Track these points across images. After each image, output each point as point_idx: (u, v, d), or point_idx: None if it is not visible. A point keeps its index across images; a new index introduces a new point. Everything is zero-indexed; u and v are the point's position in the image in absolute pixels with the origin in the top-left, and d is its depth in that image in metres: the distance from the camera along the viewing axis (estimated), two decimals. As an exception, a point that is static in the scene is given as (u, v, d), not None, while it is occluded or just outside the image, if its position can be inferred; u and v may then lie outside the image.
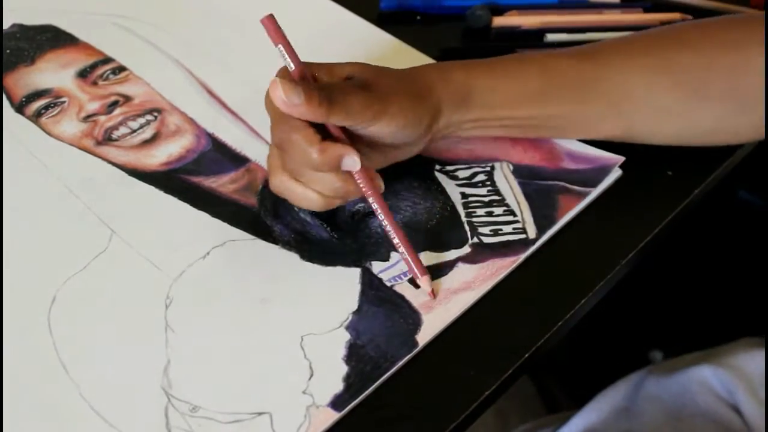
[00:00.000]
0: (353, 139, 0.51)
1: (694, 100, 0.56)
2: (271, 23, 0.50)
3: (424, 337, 0.50)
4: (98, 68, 0.67)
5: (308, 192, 0.51)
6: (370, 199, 0.51)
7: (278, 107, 0.48)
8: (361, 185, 0.51)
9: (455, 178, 0.59)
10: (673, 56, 0.55)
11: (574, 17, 0.72)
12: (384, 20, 0.72)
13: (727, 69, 0.55)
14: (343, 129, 0.51)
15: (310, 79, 0.50)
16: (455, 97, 0.54)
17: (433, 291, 0.52)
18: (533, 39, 0.71)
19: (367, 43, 0.70)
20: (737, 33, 0.56)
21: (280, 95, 0.47)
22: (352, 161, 0.49)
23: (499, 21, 0.71)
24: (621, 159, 0.59)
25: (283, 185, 0.51)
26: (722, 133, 0.58)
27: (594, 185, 0.58)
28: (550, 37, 0.71)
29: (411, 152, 0.55)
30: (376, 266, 0.54)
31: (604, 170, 0.59)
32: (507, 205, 0.57)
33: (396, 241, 0.52)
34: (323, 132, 0.50)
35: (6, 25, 0.71)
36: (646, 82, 0.55)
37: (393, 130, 0.51)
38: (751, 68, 0.54)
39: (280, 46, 0.50)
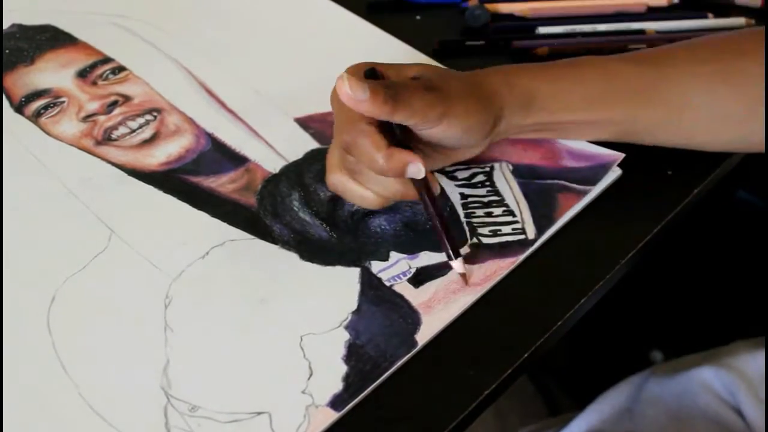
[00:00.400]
0: (415, 140, 0.52)
1: (752, 109, 0.55)
2: None
3: (423, 336, 0.50)
4: (98, 68, 0.67)
5: (366, 192, 0.52)
6: (426, 202, 0.52)
7: (345, 103, 0.48)
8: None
9: (454, 178, 0.59)
10: (733, 64, 0.55)
11: (570, 3, 0.73)
12: (373, 11, 0.73)
13: None
14: (407, 130, 0.51)
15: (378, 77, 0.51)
16: (518, 101, 0.54)
17: (465, 275, 0.53)
18: (528, 32, 0.71)
19: (355, 38, 0.70)
20: None
21: (346, 90, 0.48)
22: (417, 169, 0.50)
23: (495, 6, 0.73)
24: (621, 156, 0.59)
25: (342, 184, 0.52)
26: None
27: (594, 183, 0.58)
28: (542, 30, 0.71)
29: (471, 154, 0.56)
30: (376, 266, 0.54)
31: (604, 168, 0.59)
32: (506, 205, 0.57)
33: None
34: (389, 136, 0.50)
35: (5, 25, 0.71)
36: (706, 89, 0.55)
37: (457, 132, 0.52)
38: None
39: None
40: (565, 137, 0.59)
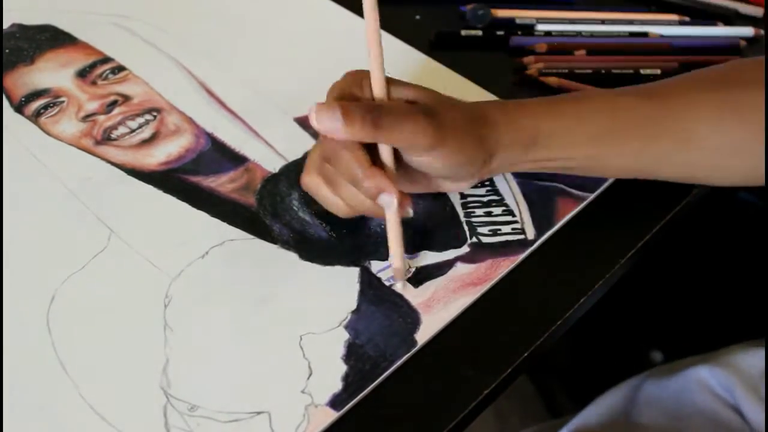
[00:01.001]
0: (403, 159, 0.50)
1: (759, 140, 0.53)
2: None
3: (422, 336, 0.50)
4: (97, 68, 0.67)
5: (338, 200, 0.51)
6: (389, 226, 0.51)
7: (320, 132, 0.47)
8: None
9: (454, 177, 0.59)
10: (738, 95, 0.53)
11: (570, 14, 0.73)
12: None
13: None
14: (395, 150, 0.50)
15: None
16: (518, 140, 0.52)
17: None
18: (527, 29, 0.71)
19: (355, 37, 0.70)
20: None
21: (314, 123, 0.47)
22: (389, 200, 0.48)
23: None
24: None
25: (315, 187, 0.52)
26: None
27: (592, 190, 0.58)
28: (541, 27, 0.71)
29: (458, 188, 0.54)
30: (375, 266, 0.54)
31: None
32: (506, 205, 0.57)
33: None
34: (373, 152, 0.49)
35: (5, 25, 0.71)
36: (713, 120, 0.53)
37: (446, 165, 0.50)
38: None
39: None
40: (565, 172, 0.56)
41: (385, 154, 0.49)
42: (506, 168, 0.54)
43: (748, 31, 0.71)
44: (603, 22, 0.72)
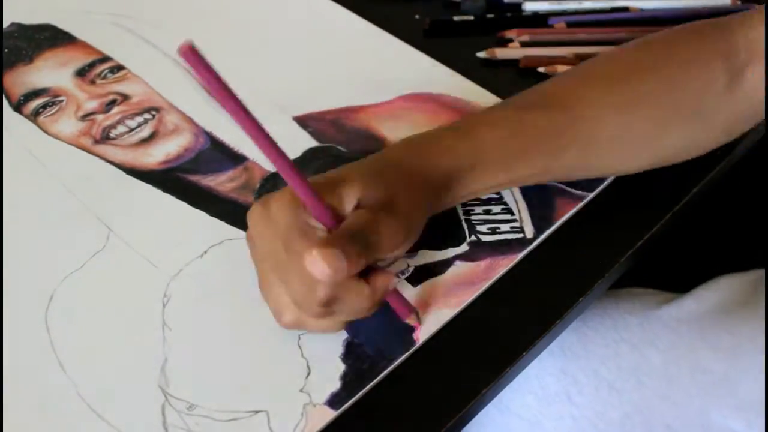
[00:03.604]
0: None
1: (665, 127, 0.55)
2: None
3: (421, 335, 0.50)
4: (96, 67, 0.67)
5: (330, 323, 0.48)
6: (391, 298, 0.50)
7: (322, 279, 0.43)
8: None
9: (453, 176, 0.59)
10: (637, 87, 0.54)
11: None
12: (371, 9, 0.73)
13: (692, 91, 0.54)
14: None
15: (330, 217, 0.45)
16: (446, 184, 0.51)
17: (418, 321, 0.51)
18: (516, 8, 0.73)
19: (354, 36, 0.70)
20: (700, 47, 0.55)
21: (323, 270, 0.42)
22: (393, 284, 0.47)
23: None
24: None
25: (302, 323, 0.48)
26: (692, 149, 0.57)
27: (591, 189, 0.58)
28: (529, 6, 0.73)
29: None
30: (374, 264, 0.54)
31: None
32: (505, 203, 0.57)
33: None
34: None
35: (5, 24, 0.71)
36: (616, 121, 0.54)
37: (414, 240, 0.49)
38: (714, 87, 0.54)
39: (278, 164, 0.43)
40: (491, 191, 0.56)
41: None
42: (441, 209, 0.53)
43: (725, 0, 0.72)
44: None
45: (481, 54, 0.69)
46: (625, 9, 0.73)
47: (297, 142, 0.61)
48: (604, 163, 0.56)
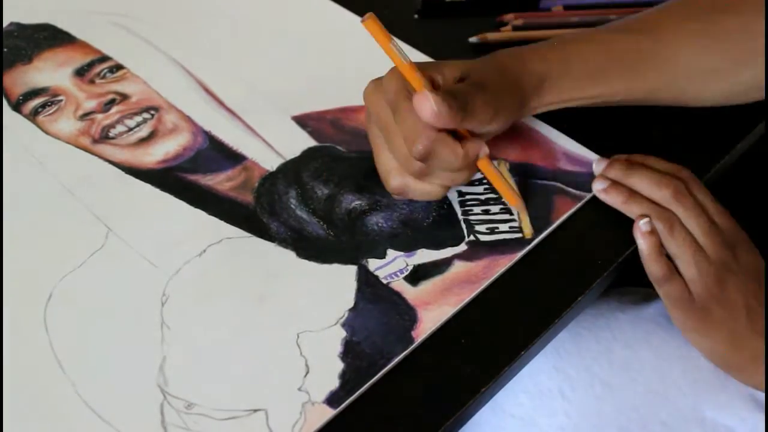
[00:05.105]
0: None
1: (737, 61, 0.59)
2: (375, 25, 0.50)
3: (419, 333, 0.50)
4: (95, 66, 0.67)
5: (433, 187, 0.54)
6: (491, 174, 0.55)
7: (425, 119, 0.48)
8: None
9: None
10: (717, 20, 0.59)
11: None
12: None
13: (761, 31, 0.58)
14: None
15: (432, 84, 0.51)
16: (536, 87, 0.56)
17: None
18: None
19: (353, 36, 0.70)
20: None
21: (431, 107, 0.48)
22: (486, 152, 0.53)
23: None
24: None
25: (406, 186, 0.54)
26: (758, 89, 0.60)
27: (589, 190, 0.58)
28: None
29: (492, 135, 0.56)
30: (372, 263, 0.54)
31: (599, 174, 0.59)
32: (504, 203, 0.57)
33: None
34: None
35: (4, 24, 0.71)
36: (695, 47, 0.59)
37: (500, 127, 0.54)
38: None
39: (392, 44, 0.50)
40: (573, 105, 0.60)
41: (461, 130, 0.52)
42: (531, 113, 0.58)
43: None
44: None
45: (473, 39, 0.69)
46: None
47: (296, 142, 0.61)
48: (681, 88, 0.60)
